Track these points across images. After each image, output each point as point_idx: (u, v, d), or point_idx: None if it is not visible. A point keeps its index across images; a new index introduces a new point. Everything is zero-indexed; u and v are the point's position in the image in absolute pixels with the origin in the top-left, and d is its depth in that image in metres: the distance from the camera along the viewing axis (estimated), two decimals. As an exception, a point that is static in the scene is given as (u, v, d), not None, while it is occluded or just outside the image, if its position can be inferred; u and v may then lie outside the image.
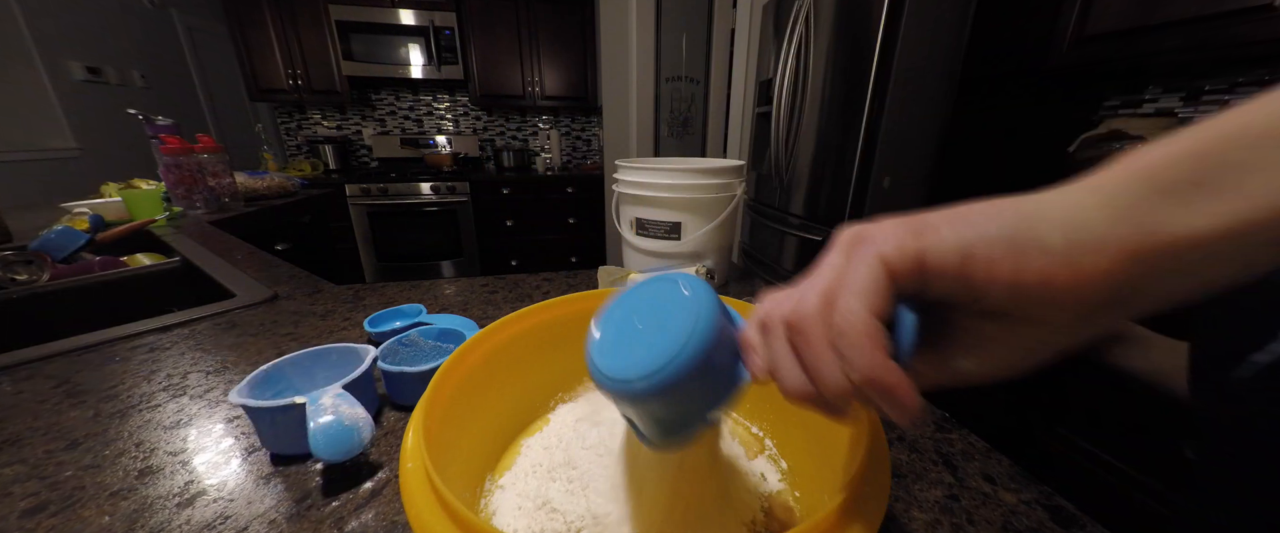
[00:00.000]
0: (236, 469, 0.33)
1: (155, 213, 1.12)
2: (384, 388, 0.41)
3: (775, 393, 0.18)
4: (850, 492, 0.18)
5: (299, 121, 2.77)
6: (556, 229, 2.78)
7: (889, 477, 0.21)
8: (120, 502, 0.30)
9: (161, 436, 0.36)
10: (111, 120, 2.03)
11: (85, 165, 1.96)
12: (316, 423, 0.30)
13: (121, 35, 2.14)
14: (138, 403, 0.41)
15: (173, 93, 2.41)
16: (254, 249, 0.88)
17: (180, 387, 0.43)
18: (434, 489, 0.19)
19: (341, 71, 2.41)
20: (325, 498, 0.30)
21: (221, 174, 1.25)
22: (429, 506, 0.18)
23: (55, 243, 0.80)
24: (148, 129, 1.17)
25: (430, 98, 2.86)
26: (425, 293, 0.67)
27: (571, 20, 2.60)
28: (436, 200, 2.48)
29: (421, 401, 0.24)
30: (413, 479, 0.20)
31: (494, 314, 0.60)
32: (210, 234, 1.00)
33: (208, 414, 0.39)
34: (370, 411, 0.34)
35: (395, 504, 0.30)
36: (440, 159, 2.76)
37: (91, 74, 1.98)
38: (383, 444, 0.35)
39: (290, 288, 0.68)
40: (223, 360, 0.48)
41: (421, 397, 0.24)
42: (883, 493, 0.19)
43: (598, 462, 0.27)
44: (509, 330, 0.32)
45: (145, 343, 0.52)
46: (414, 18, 2.38)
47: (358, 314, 0.59)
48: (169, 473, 0.33)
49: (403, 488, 0.20)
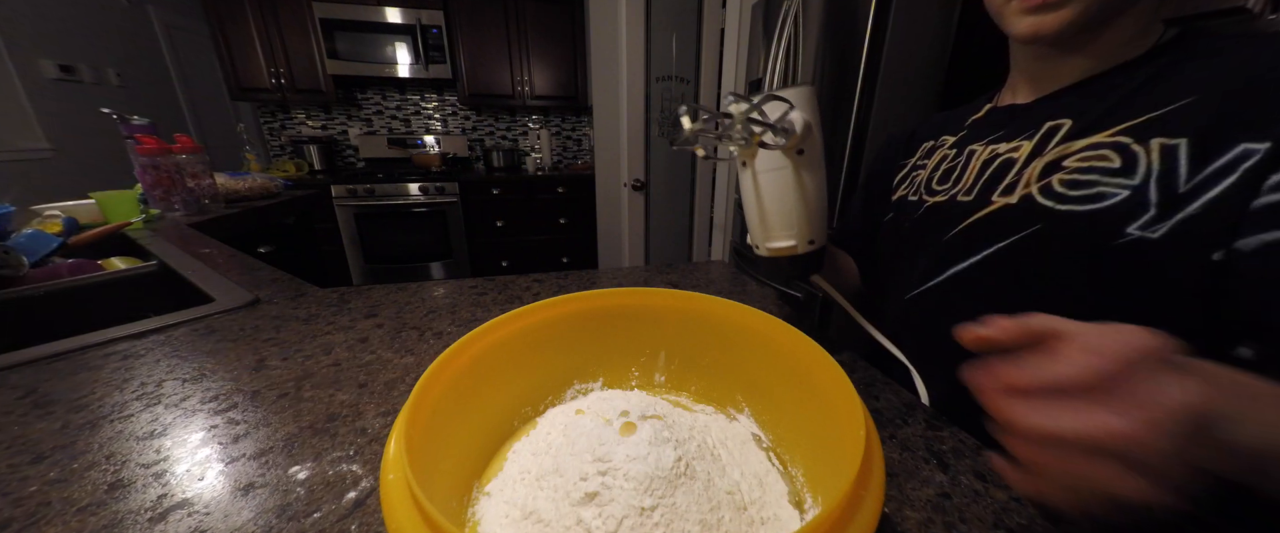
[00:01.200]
0: (213, 481, 0.32)
1: (131, 215, 1.09)
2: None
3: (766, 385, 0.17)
4: (846, 496, 0.18)
5: (283, 121, 2.72)
6: (547, 230, 2.76)
7: (883, 479, 0.20)
8: (89, 518, 0.29)
9: (134, 447, 0.35)
10: (86, 120, 1.97)
11: (58, 166, 1.90)
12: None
13: (96, 33, 2.08)
14: (109, 413, 0.39)
15: (150, 92, 2.34)
16: (235, 252, 0.86)
17: (155, 395, 0.42)
18: (416, 502, 0.18)
19: (326, 70, 2.37)
20: (306, 510, 0.29)
21: (201, 175, 1.22)
22: (411, 519, 0.18)
23: (24, 247, 0.77)
24: (123, 129, 1.14)
25: (418, 97, 2.83)
26: (413, 295, 0.65)
27: (561, 19, 2.58)
28: (425, 201, 2.45)
29: (404, 408, 0.23)
30: (394, 491, 0.19)
31: (483, 317, 0.59)
32: (189, 237, 0.97)
33: (184, 424, 0.38)
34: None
35: (378, 515, 0.29)
36: (428, 159, 2.73)
37: (64, 72, 1.92)
38: (367, 452, 0.35)
39: (272, 292, 0.67)
40: (200, 368, 0.46)
41: (405, 404, 0.23)
42: (877, 498, 0.19)
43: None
44: (497, 334, 0.32)
45: (118, 350, 0.50)
46: (400, 16, 2.35)
47: (342, 318, 0.58)
48: (141, 486, 0.31)
49: (383, 501, 0.19)
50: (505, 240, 2.71)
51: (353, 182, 2.36)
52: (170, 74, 2.46)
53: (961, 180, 0.44)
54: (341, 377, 0.45)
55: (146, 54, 2.34)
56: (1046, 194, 0.36)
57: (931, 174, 0.49)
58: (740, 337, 0.35)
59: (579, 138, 3.15)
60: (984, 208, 0.40)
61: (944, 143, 0.50)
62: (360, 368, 0.46)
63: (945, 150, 0.49)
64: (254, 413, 0.39)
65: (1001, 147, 0.42)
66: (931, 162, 0.50)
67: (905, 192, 0.53)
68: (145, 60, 2.33)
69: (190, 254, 0.83)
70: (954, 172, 0.46)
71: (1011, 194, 0.38)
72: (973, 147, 0.45)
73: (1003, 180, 0.40)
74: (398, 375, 0.45)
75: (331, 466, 0.33)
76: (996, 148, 0.42)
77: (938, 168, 0.48)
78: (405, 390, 0.42)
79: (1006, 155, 0.41)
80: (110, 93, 2.12)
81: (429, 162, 2.72)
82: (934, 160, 0.50)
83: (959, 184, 0.44)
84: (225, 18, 2.22)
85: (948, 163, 0.47)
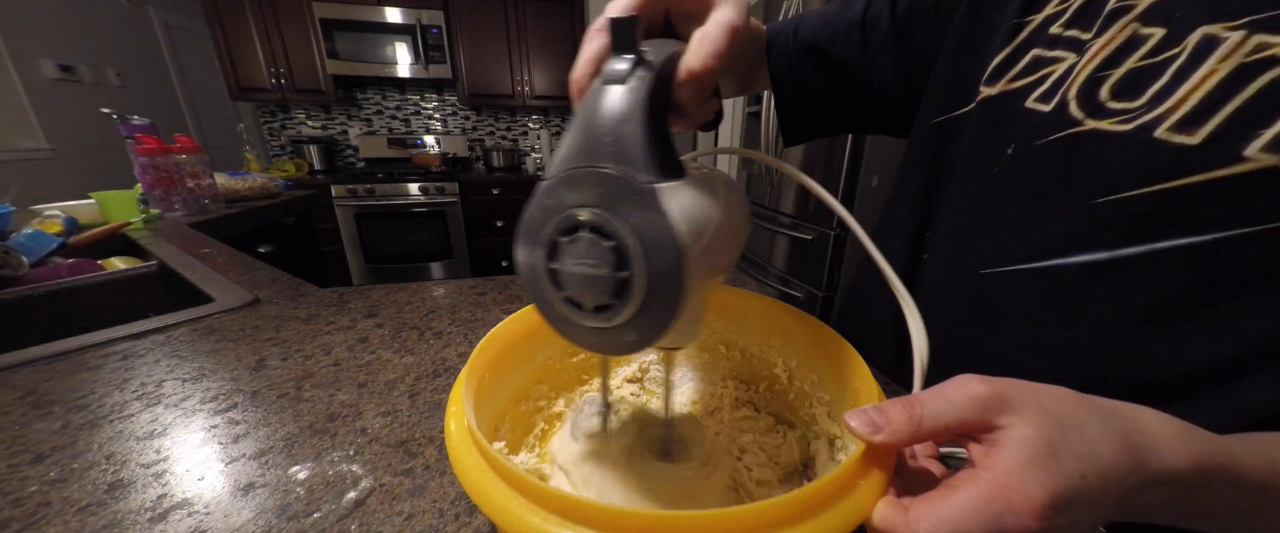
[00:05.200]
0: (213, 481, 0.32)
1: (131, 215, 1.09)
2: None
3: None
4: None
5: (283, 121, 2.72)
6: (547, 229, 2.76)
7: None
8: (89, 518, 0.29)
9: (134, 447, 0.35)
10: (86, 120, 1.97)
11: (58, 166, 1.90)
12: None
13: (96, 33, 2.08)
14: (109, 413, 0.39)
15: (151, 92, 2.34)
16: (235, 252, 0.86)
17: (155, 395, 0.42)
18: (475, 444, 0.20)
19: (326, 70, 2.36)
20: (306, 510, 0.29)
21: (201, 175, 1.22)
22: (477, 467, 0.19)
23: (24, 247, 0.77)
24: (122, 129, 1.14)
25: (418, 97, 2.83)
26: (413, 295, 0.65)
27: (561, 19, 2.58)
28: (425, 201, 2.45)
29: (465, 367, 0.25)
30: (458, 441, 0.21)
31: (483, 316, 0.59)
32: (189, 237, 0.97)
33: (184, 423, 0.38)
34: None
35: (378, 515, 0.29)
36: (428, 159, 2.73)
37: (64, 72, 1.92)
38: (367, 452, 0.35)
39: (272, 292, 0.67)
40: (200, 368, 0.46)
41: (465, 364, 0.26)
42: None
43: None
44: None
45: (118, 350, 0.50)
46: (400, 15, 2.35)
47: (342, 318, 0.58)
48: (141, 486, 0.31)
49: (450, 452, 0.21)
50: (505, 240, 2.71)
51: (353, 182, 2.36)
52: (170, 74, 2.46)
53: (1171, 97, 0.23)
54: (341, 377, 0.45)
55: (146, 54, 2.34)
56: None
57: (1097, 69, 0.26)
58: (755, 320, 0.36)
59: (579, 138, 3.15)
60: (1224, 164, 0.22)
61: (1130, 5, 0.26)
62: (360, 368, 0.46)
63: (1131, 24, 0.25)
64: (254, 413, 0.39)
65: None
66: (1098, 44, 0.26)
67: (1016, 84, 0.30)
68: (145, 60, 2.33)
69: (190, 254, 0.83)
70: (1152, 75, 0.24)
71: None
72: (1208, 29, 0.22)
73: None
74: (398, 376, 0.45)
75: (331, 466, 0.33)
76: (1269, 39, 0.21)
77: (1112, 60, 0.26)
78: (405, 390, 0.42)
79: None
80: (110, 93, 2.12)
81: (429, 162, 2.72)
82: (1103, 42, 0.26)
83: (1165, 103, 0.23)
84: (225, 18, 2.22)
85: (1138, 54, 0.25)
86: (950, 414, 0.17)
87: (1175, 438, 0.17)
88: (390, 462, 0.33)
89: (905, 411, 0.18)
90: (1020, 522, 0.15)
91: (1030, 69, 0.30)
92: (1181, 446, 0.17)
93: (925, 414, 0.18)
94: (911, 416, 0.18)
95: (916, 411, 0.18)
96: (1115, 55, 0.26)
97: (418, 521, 0.28)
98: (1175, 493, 0.17)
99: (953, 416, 0.17)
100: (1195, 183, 0.22)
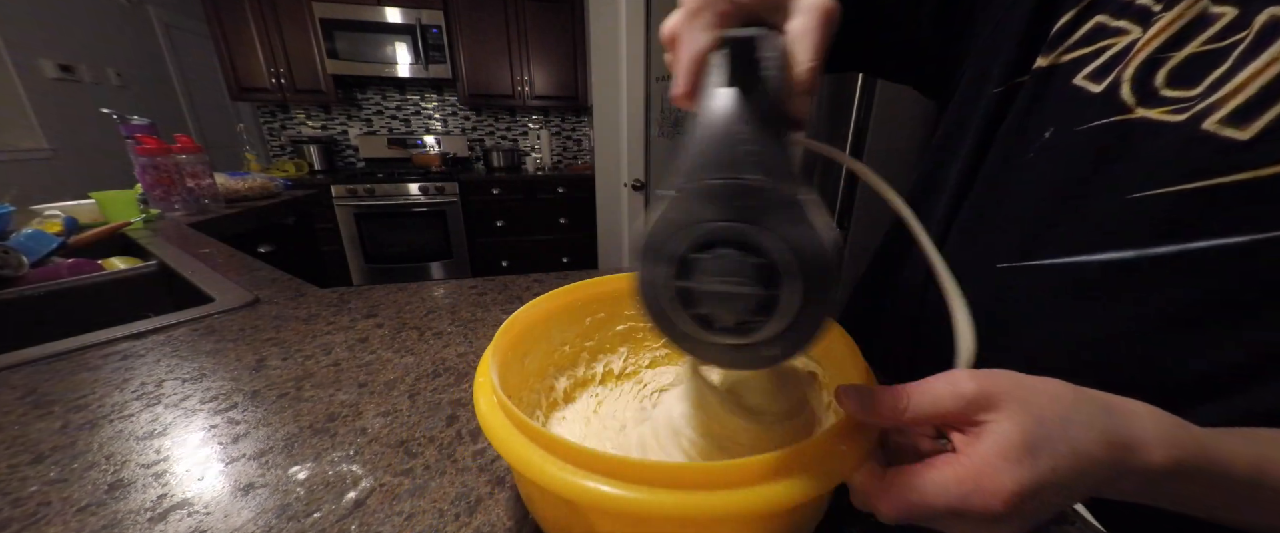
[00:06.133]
0: (213, 481, 0.32)
1: (131, 215, 1.09)
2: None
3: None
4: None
5: (283, 121, 2.72)
6: (547, 230, 2.76)
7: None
8: (89, 518, 0.29)
9: (134, 447, 0.35)
10: (86, 120, 1.96)
11: (58, 166, 1.90)
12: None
13: (96, 33, 2.08)
14: (109, 413, 0.39)
15: (151, 92, 2.34)
16: (235, 252, 0.86)
17: (155, 395, 0.42)
18: (501, 404, 0.22)
19: (326, 70, 2.36)
20: (306, 510, 0.29)
21: (201, 175, 1.22)
22: (499, 422, 0.22)
23: (24, 247, 0.77)
24: (122, 129, 1.14)
25: (418, 97, 2.83)
26: (413, 295, 0.65)
27: (561, 19, 2.58)
28: (425, 201, 2.45)
29: (491, 343, 0.28)
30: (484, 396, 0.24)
31: (483, 317, 0.59)
32: (189, 237, 0.97)
33: (184, 423, 0.38)
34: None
35: (378, 515, 0.29)
36: (428, 159, 2.73)
37: (64, 72, 1.92)
38: (367, 452, 0.35)
39: (272, 292, 0.66)
40: (200, 368, 0.46)
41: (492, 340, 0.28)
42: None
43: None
44: (564, 299, 0.36)
45: (118, 350, 0.50)
46: (400, 15, 2.35)
47: (342, 318, 0.58)
48: (141, 486, 0.31)
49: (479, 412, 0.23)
50: (505, 240, 2.71)
51: (353, 182, 2.36)
52: (170, 74, 2.46)
53: (1227, 85, 0.21)
54: (341, 377, 0.45)
55: (146, 54, 2.34)
56: None
57: (1158, 49, 0.24)
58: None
59: (579, 138, 3.15)
60: (1271, 163, 0.20)
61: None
62: (360, 368, 0.46)
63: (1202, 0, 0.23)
64: (254, 413, 0.39)
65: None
66: (1166, 19, 0.24)
67: (1069, 56, 0.27)
68: (145, 60, 2.33)
69: (190, 254, 0.83)
70: (1214, 61, 0.22)
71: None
72: (1276, 10, 0.20)
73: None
74: (398, 376, 0.45)
75: (331, 466, 0.33)
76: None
77: (1177, 40, 0.23)
78: (405, 391, 0.42)
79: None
80: (110, 93, 2.12)
81: (429, 161, 2.72)
82: (1171, 17, 0.23)
83: (1220, 91, 0.21)
84: (225, 18, 2.22)
85: (1204, 36, 0.22)
86: (933, 408, 0.19)
87: (1162, 438, 0.17)
88: (390, 462, 0.33)
89: (892, 398, 0.19)
90: (986, 503, 0.16)
91: (1089, 39, 0.27)
92: (1166, 446, 0.17)
93: (910, 405, 0.19)
94: (896, 405, 0.19)
95: (902, 401, 0.19)
96: (1180, 35, 0.23)
97: (418, 521, 0.28)
98: (1150, 481, 0.18)
99: (935, 409, 0.19)
100: (1239, 181, 0.21)
